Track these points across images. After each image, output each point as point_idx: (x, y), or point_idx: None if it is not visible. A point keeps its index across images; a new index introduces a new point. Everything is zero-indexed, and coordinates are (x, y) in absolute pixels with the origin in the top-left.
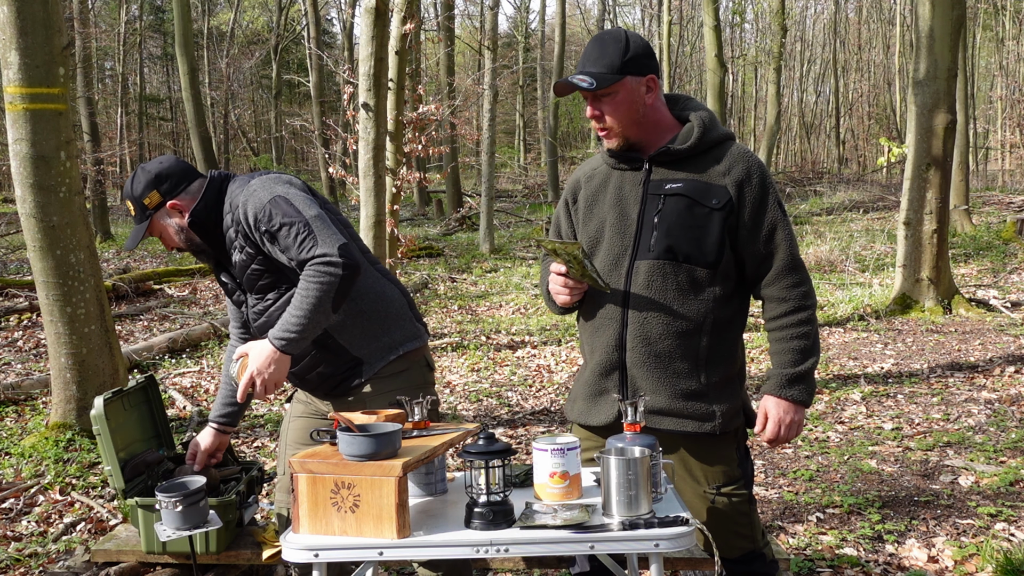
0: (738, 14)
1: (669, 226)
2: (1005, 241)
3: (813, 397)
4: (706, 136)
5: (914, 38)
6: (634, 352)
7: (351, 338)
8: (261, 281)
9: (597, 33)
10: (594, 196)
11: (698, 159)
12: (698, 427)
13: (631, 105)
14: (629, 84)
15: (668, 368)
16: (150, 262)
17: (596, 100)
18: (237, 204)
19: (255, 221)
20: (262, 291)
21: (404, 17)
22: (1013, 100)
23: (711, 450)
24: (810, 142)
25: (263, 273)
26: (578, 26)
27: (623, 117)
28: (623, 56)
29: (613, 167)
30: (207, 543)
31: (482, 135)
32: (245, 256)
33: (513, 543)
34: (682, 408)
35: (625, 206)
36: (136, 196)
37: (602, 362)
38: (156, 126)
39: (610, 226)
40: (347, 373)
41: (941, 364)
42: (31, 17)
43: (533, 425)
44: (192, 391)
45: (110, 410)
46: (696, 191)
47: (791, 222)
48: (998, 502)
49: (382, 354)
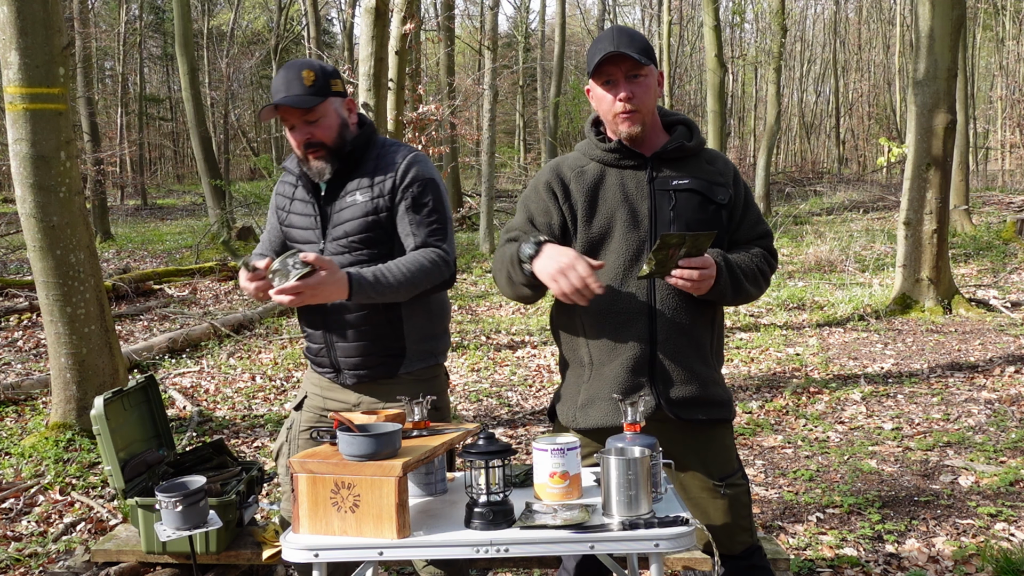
0: (738, 14)
1: (688, 221)
2: (1005, 241)
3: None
4: (695, 139)
5: (914, 38)
6: (668, 344)
7: (411, 327)
8: (361, 234)
9: (616, 25)
10: (592, 192)
11: (694, 160)
12: (721, 414)
13: (653, 92)
14: (653, 72)
15: (696, 357)
16: (150, 262)
17: (629, 80)
18: (397, 157)
19: (411, 181)
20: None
21: (404, 17)
22: (1013, 100)
23: (720, 439)
24: (810, 142)
25: (370, 226)
26: (578, 26)
27: (649, 102)
28: (648, 45)
29: (610, 164)
30: (207, 543)
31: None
32: (371, 203)
33: (513, 543)
34: (710, 396)
35: (634, 203)
36: (329, 71)
37: (633, 357)
38: (156, 126)
39: (621, 222)
40: (385, 359)
41: (941, 364)
42: (31, 17)
43: (533, 425)
44: (192, 391)
45: (110, 410)
46: (705, 188)
47: None
48: (998, 502)
49: (424, 357)
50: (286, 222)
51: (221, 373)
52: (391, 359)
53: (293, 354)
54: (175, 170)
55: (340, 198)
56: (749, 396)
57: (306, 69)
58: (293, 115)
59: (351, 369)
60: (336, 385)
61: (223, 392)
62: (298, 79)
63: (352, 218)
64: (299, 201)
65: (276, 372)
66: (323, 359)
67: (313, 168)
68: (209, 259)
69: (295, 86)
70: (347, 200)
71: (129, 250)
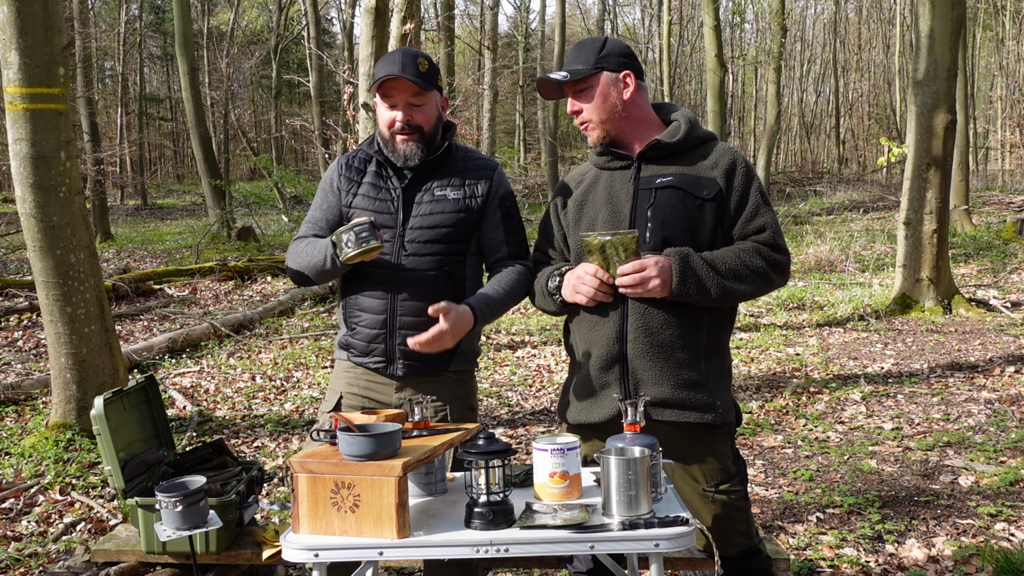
0: (738, 14)
1: (664, 218)
2: (1005, 241)
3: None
4: (692, 132)
5: (914, 38)
6: (635, 343)
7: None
8: (448, 228)
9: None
10: (583, 197)
11: (686, 155)
12: (700, 417)
13: (606, 98)
14: (604, 79)
15: (670, 358)
16: (150, 262)
17: (575, 95)
18: (488, 165)
19: (507, 193)
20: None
21: (404, 17)
22: (1013, 100)
23: (709, 445)
24: (810, 142)
25: (459, 222)
26: (578, 26)
27: (599, 109)
28: (598, 54)
29: (602, 167)
30: (207, 543)
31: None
32: (463, 201)
33: (513, 543)
34: (684, 398)
35: (617, 203)
36: (436, 67)
37: (603, 355)
38: (156, 126)
39: (602, 222)
40: (442, 352)
41: (941, 364)
42: (31, 17)
43: (533, 425)
44: (192, 391)
45: (110, 410)
46: (687, 183)
47: (776, 215)
48: (998, 502)
49: (468, 358)
50: (352, 204)
51: (221, 373)
52: (446, 353)
53: (293, 354)
54: (175, 170)
55: (427, 190)
56: (749, 396)
57: (421, 58)
58: (403, 92)
59: (407, 359)
60: (380, 378)
61: (223, 392)
62: (414, 63)
63: (442, 211)
64: (371, 185)
65: (276, 372)
66: (375, 346)
67: (400, 151)
68: (209, 259)
69: (411, 67)
70: (436, 194)
71: (129, 250)
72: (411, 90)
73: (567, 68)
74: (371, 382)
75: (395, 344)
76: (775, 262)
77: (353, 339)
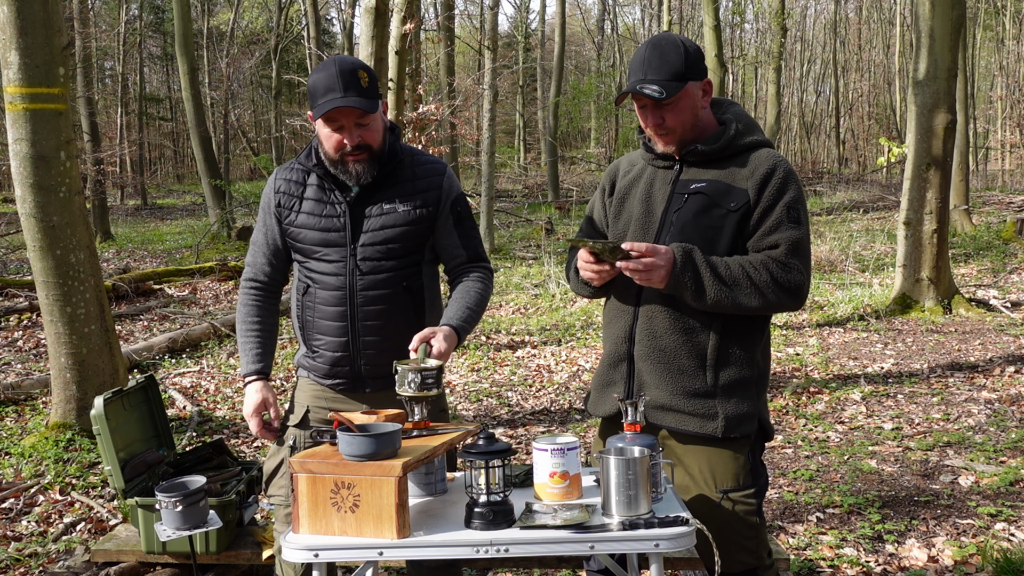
0: (738, 14)
1: (684, 225)
2: (1005, 241)
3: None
4: (738, 139)
5: (914, 38)
6: (641, 345)
7: None
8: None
9: (651, 39)
10: (627, 189)
11: (727, 161)
12: (699, 427)
13: (692, 110)
14: (691, 89)
15: (673, 364)
16: (150, 262)
17: (658, 107)
18: (436, 168)
19: (457, 197)
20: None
21: (404, 17)
22: (1013, 100)
23: (717, 454)
24: (810, 142)
25: (411, 234)
26: (578, 26)
27: (685, 121)
28: (685, 62)
29: (649, 163)
30: (207, 543)
31: (482, 135)
32: (415, 212)
33: (513, 543)
34: (684, 405)
35: (652, 204)
36: (375, 74)
37: (612, 353)
38: (156, 126)
39: (635, 221)
40: None
41: (941, 364)
42: (31, 17)
43: (533, 425)
44: (192, 391)
45: (110, 410)
46: (716, 192)
47: (805, 235)
48: (998, 502)
49: None
50: (294, 223)
51: (221, 373)
52: None
53: (292, 354)
54: (175, 170)
55: (376, 203)
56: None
57: (360, 70)
58: (350, 116)
59: (375, 377)
60: (344, 397)
61: (223, 392)
62: (355, 80)
63: (393, 224)
64: (314, 202)
65: (276, 372)
66: (340, 369)
67: (352, 171)
68: (209, 259)
69: (353, 87)
70: (385, 207)
71: (129, 250)
72: (357, 113)
73: (653, 78)
74: (337, 399)
75: (360, 365)
76: (782, 280)
77: (315, 362)
